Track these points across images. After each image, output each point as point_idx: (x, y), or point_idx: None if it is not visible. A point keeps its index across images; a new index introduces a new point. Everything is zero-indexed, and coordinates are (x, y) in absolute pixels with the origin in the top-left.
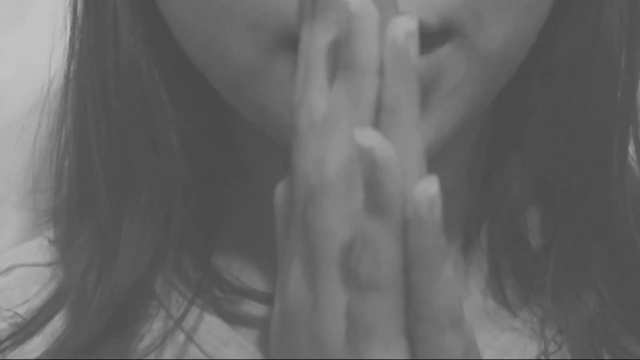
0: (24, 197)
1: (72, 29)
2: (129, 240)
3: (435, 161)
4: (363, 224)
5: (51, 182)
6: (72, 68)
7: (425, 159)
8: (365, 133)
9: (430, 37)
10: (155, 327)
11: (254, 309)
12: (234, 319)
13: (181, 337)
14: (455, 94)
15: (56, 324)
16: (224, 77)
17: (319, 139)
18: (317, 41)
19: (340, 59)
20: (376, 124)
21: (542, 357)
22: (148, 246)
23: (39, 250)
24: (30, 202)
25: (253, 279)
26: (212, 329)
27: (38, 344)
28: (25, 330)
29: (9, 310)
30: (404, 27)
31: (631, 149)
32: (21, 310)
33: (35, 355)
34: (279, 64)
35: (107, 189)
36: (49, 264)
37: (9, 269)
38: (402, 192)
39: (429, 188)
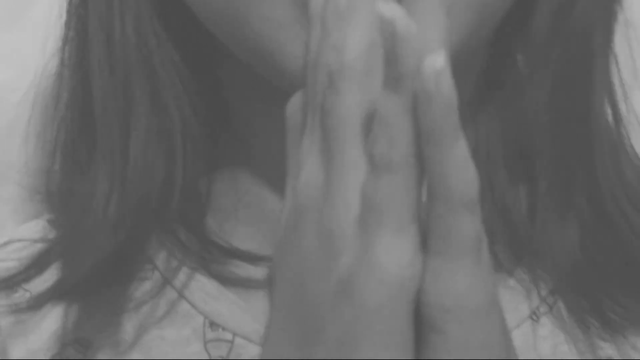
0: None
1: None
2: (138, 172)
3: None
4: (380, 103)
5: (44, 163)
6: (71, 26)
7: (446, 39)
8: (388, 5)
9: None
10: (148, 286)
11: (244, 270)
12: (224, 280)
13: (173, 293)
14: (448, 17)
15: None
16: (221, 10)
17: (339, 25)
18: None
19: None
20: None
21: (534, 317)
22: (155, 180)
23: (37, 228)
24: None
25: (245, 242)
26: (202, 285)
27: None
28: (35, 266)
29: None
30: None
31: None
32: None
33: (48, 284)
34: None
35: (111, 131)
36: (46, 241)
37: (6, 243)
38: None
39: (436, 60)
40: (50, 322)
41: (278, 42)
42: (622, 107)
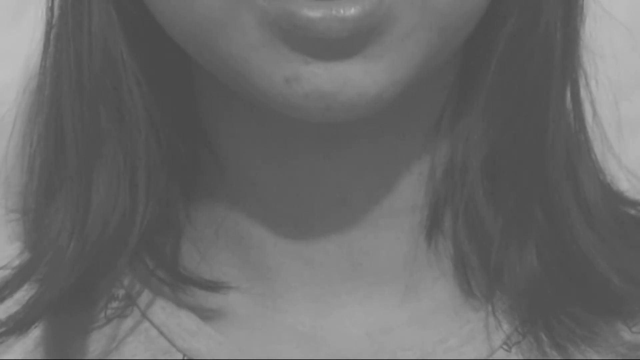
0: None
1: (49, 16)
2: (99, 203)
3: (392, 142)
4: None
5: (23, 179)
6: (49, 47)
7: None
8: None
9: None
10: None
11: (219, 300)
12: (199, 312)
13: (153, 331)
14: (409, 39)
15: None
16: (191, 32)
17: None
18: None
19: None
20: None
21: (505, 346)
22: (117, 210)
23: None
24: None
25: (224, 267)
26: (180, 321)
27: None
28: (3, 290)
29: None
30: None
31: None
32: None
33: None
34: (243, 9)
35: (77, 153)
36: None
37: None
38: None
39: None
40: (18, 344)
41: (250, 64)
42: (589, 120)
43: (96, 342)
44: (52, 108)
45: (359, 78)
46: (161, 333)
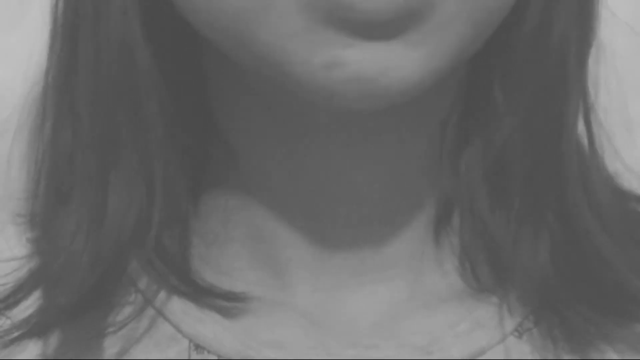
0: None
1: (55, 16)
2: (115, 206)
3: (404, 131)
4: None
5: (28, 184)
6: (56, 50)
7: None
8: None
9: None
10: (130, 309)
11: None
12: (206, 305)
13: (158, 318)
14: (447, 28)
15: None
16: (228, 26)
17: None
18: None
19: None
20: None
21: (516, 332)
22: (133, 212)
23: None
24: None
25: (233, 261)
26: (185, 307)
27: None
28: (13, 296)
29: None
30: None
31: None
32: None
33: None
34: None
35: (94, 158)
36: (24, 260)
37: None
38: None
39: None
40: (31, 347)
41: (288, 51)
42: (597, 128)
43: (112, 345)
44: (61, 112)
45: (399, 64)
46: (166, 319)
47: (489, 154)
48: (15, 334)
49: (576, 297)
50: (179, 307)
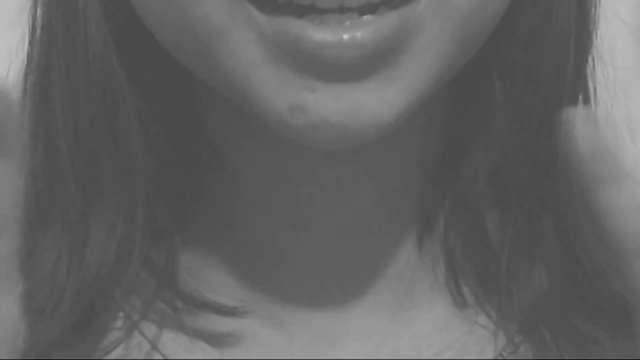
0: None
1: (33, 26)
2: (97, 232)
3: (389, 145)
4: None
5: None
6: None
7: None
8: None
9: None
10: (118, 334)
11: (216, 323)
12: (197, 334)
13: (146, 345)
14: (429, 52)
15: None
16: (190, 47)
17: None
18: None
19: None
20: None
21: (500, 357)
22: (115, 238)
23: None
24: None
25: (223, 276)
26: (175, 337)
27: None
28: None
29: None
30: None
31: None
32: None
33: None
34: (240, 21)
35: (75, 184)
36: None
37: None
38: None
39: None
40: None
41: (251, 82)
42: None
43: None
44: (39, 137)
45: (372, 105)
46: (154, 348)
47: (489, 158)
48: None
49: (571, 308)
50: (168, 336)
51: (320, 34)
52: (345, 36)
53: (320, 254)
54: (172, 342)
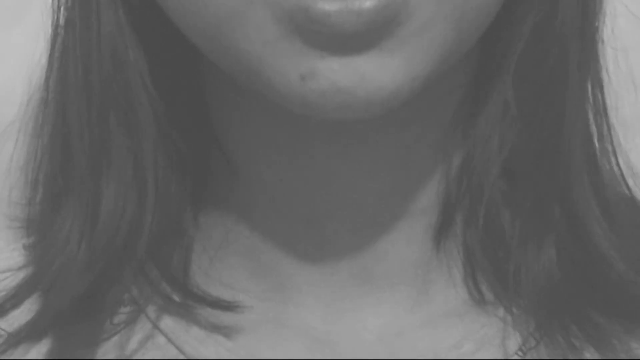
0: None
1: (55, 23)
2: (108, 204)
3: (405, 139)
4: None
5: (26, 191)
6: (55, 55)
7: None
8: None
9: None
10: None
11: (226, 315)
12: (207, 326)
13: (161, 338)
14: (425, 32)
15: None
16: (205, 29)
17: None
18: None
19: None
20: None
21: (520, 352)
22: (127, 212)
23: (11, 255)
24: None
25: (233, 275)
26: (188, 328)
27: (20, 314)
28: (11, 300)
29: None
30: None
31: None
32: None
33: (20, 322)
34: (258, 4)
35: (87, 165)
36: (21, 268)
37: None
38: None
39: None
40: (21, 352)
41: (264, 61)
42: (606, 125)
43: (107, 353)
44: (57, 117)
45: (376, 73)
46: (169, 340)
47: (503, 152)
48: (12, 339)
49: (583, 299)
50: (182, 328)
51: (328, 4)
52: (348, 5)
53: (334, 250)
54: (185, 333)
